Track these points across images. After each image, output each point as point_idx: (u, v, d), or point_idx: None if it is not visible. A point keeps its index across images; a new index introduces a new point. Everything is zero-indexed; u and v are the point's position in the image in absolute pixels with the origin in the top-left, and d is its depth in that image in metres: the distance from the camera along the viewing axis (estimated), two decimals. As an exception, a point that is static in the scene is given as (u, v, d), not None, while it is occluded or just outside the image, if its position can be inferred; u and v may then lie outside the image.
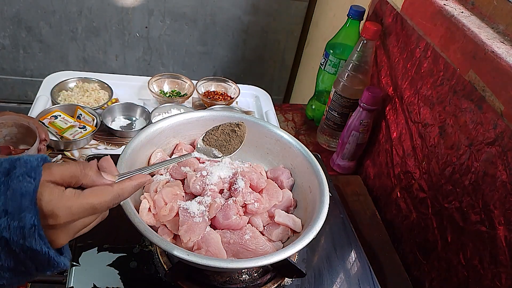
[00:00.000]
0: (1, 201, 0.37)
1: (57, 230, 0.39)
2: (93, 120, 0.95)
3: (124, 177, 0.46)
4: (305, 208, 0.63)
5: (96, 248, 0.61)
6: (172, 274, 0.57)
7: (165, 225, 0.57)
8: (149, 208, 0.57)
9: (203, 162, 0.66)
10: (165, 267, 0.60)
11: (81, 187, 0.42)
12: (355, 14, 0.95)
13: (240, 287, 0.60)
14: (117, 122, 0.99)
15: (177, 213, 0.57)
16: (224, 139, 0.63)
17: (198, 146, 0.62)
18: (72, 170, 0.41)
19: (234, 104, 1.10)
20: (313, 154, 0.66)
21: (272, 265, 0.57)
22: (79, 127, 0.92)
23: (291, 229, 0.61)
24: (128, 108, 1.01)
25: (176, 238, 0.57)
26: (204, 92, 1.10)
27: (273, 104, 1.13)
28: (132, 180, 0.46)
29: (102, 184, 0.44)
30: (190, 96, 1.08)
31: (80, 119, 0.95)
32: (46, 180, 0.39)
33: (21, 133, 0.79)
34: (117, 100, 1.05)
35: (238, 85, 1.11)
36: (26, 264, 0.39)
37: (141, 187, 0.47)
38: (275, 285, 0.61)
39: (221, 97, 1.09)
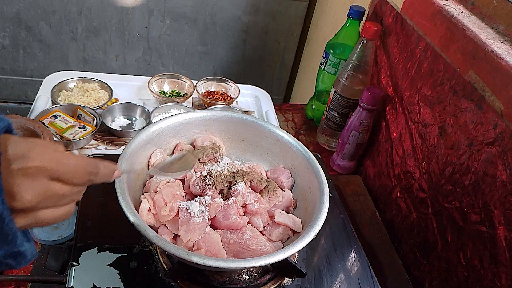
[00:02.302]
0: None
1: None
2: (93, 120, 0.95)
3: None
4: (305, 208, 0.63)
5: (96, 248, 0.61)
6: (172, 274, 0.57)
7: (165, 225, 0.57)
8: (149, 208, 0.57)
9: (203, 162, 0.66)
10: (165, 267, 0.60)
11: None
12: (355, 14, 0.95)
13: (240, 287, 0.60)
14: (117, 122, 0.99)
15: (177, 213, 0.57)
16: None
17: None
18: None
19: (234, 104, 1.10)
20: (313, 154, 0.66)
21: (272, 265, 0.57)
22: (79, 127, 0.92)
23: (291, 229, 0.61)
24: (128, 108, 1.01)
25: (176, 238, 0.57)
26: (204, 92, 1.10)
27: (273, 104, 1.13)
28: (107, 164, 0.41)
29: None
30: (190, 96, 1.08)
31: (80, 119, 0.95)
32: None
33: (26, 136, 0.79)
34: (117, 100, 1.05)
35: (238, 85, 1.11)
36: None
37: (111, 175, 0.42)
38: (275, 285, 0.61)
39: (221, 97, 1.09)
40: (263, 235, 0.60)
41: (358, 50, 0.90)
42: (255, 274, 0.61)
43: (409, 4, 0.85)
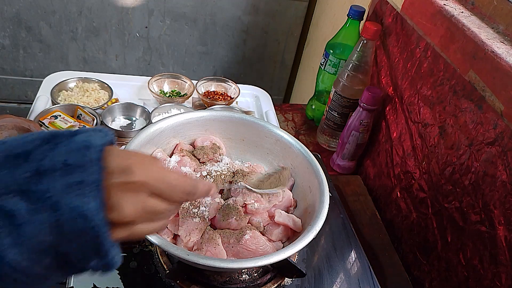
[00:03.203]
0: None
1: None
2: (93, 120, 0.95)
3: None
4: (305, 208, 0.63)
5: (96, 248, 0.61)
6: (172, 274, 0.57)
7: (165, 225, 0.57)
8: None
9: (203, 162, 0.66)
10: (165, 267, 0.60)
11: None
12: (355, 14, 0.95)
13: (240, 287, 0.60)
14: (117, 122, 0.99)
15: (177, 213, 0.57)
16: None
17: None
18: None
19: (234, 104, 1.10)
20: (313, 154, 0.66)
21: (272, 265, 0.57)
22: (79, 127, 0.92)
23: (291, 229, 0.61)
24: (128, 108, 1.01)
25: (176, 238, 0.57)
26: (204, 92, 1.10)
27: (273, 104, 1.13)
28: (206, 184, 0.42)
29: None
30: (190, 96, 1.08)
31: (80, 119, 0.95)
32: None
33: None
34: (117, 100, 1.05)
35: (238, 85, 1.11)
36: (68, 243, 0.31)
37: (208, 193, 0.42)
38: (275, 285, 0.61)
39: (221, 97, 1.09)
40: (263, 235, 0.60)
41: (358, 50, 0.90)
42: (255, 274, 0.61)
43: (409, 4, 0.85)
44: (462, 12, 0.74)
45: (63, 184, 0.30)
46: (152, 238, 0.48)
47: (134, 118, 1.01)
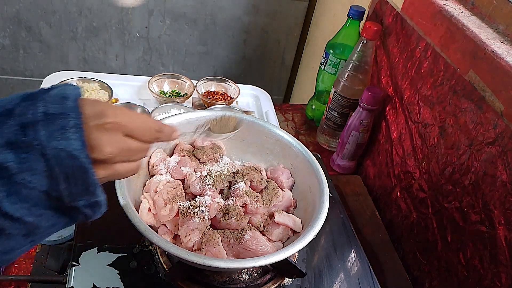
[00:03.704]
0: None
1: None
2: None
3: None
4: (305, 208, 0.63)
5: (96, 248, 0.61)
6: (172, 274, 0.57)
7: (165, 225, 0.57)
8: (149, 208, 0.57)
9: (203, 162, 0.66)
10: (165, 267, 0.60)
11: None
12: (355, 14, 0.95)
13: (240, 287, 0.60)
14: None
15: (177, 213, 0.57)
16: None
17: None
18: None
19: (234, 104, 1.10)
20: (313, 154, 0.66)
21: (272, 265, 0.57)
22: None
23: (291, 229, 0.61)
24: (128, 108, 1.01)
25: (176, 238, 0.57)
26: (204, 92, 1.10)
27: (273, 104, 1.13)
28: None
29: None
30: (190, 96, 1.08)
31: (80, 119, 0.95)
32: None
33: None
34: (117, 100, 1.05)
35: (238, 85, 1.11)
36: (58, 185, 0.34)
37: (171, 138, 0.47)
38: (275, 285, 0.61)
39: (221, 97, 1.09)
40: (263, 235, 0.60)
41: (358, 50, 0.90)
42: (255, 274, 0.61)
43: (409, 4, 0.85)
44: (462, 12, 0.74)
45: (48, 132, 0.33)
46: (152, 238, 0.48)
47: (134, 118, 1.01)
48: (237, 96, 1.08)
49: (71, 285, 0.56)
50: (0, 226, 0.33)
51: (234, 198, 0.60)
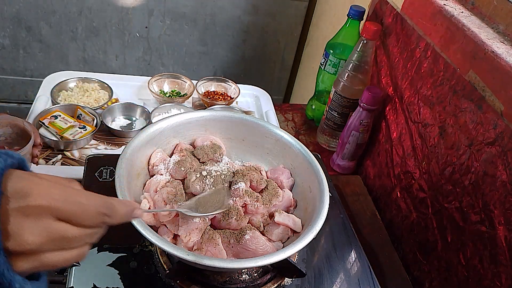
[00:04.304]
0: None
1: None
2: (93, 120, 0.95)
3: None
4: (305, 208, 0.63)
5: (96, 248, 0.61)
6: (172, 274, 0.57)
7: (165, 225, 0.57)
8: (149, 208, 0.57)
9: (203, 162, 0.66)
10: (165, 267, 0.60)
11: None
12: (355, 14, 0.95)
13: (240, 287, 0.60)
14: (117, 122, 0.99)
15: (177, 213, 0.57)
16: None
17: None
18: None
19: (234, 104, 1.10)
20: (313, 154, 0.66)
21: (272, 265, 0.57)
22: (79, 127, 0.92)
23: (291, 229, 0.61)
24: (128, 108, 1.01)
25: (176, 238, 0.57)
26: (204, 92, 1.10)
27: (273, 104, 1.13)
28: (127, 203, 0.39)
29: None
30: (190, 96, 1.08)
31: (80, 119, 0.95)
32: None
33: (15, 133, 0.78)
34: (117, 100, 1.05)
35: (238, 85, 1.11)
36: None
37: (130, 214, 0.40)
38: (275, 285, 0.61)
39: (221, 97, 1.09)
40: (263, 235, 0.60)
41: (358, 50, 0.90)
42: (255, 274, 0.61)
43: (409, 4, 0.85)
44: (462, 12, 0.74)
45: None
46: (152, 238, 0.48)
47: (134, 118, 1.01)
48: (237, 96, 1.08)
49: (71, 285, 0.56)
50: None
51: (234, 198, 0.60)
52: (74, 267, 0.58)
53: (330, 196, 0.59)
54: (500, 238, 0.59)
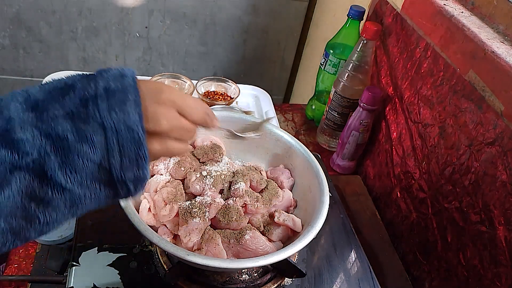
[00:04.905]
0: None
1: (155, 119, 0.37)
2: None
3: None
4: (305, 208, 0.63)
5: (96, 248, 0.61)
6: (172, 274, 0.57)
7: (165, 225, 0.57)
8: (149, 208, 0.57)
9: (203, 162, 0.66)
10: (165, 267, 0.60)
11: None
12: (355, 14, 0.95)
13: (240, 287, 0.60)
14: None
15: (177, 213, 0.57)
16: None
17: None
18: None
19: (234, 104, 1.10)
20: (313, 154, 0.66)
21: (272, 265, 0.57)
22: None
23: (291, 229, 0.61)
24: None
25: (176, 238, 0.57)
26: (204, 92, 1.10)
27: (273, 104, 1.13)
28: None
29: None
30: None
31: (80, 119, 0.95)
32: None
33: None
34: (117, 100, 1.05)
35: (238, 85, 1.11)
36: (112, 156, 0.34)
37: (215, 125, 0.47)
38: (275, 285, 0.61)
39: (221, 97, 1.09)
40: (263, 235, 0.60)
41: (358, 50, 0.90)
42: (255, 274, 0.61)
43: (409, 4, 0.85)
44: (462, 12, 0.74)
45: (108, 105, 0.34)
46: (152, 238, 0.48)
47: (134, 118, 1.01)
48: (237, 96, 1.08)
49: (71, 285, 0.56)
50: (48, 197, 0.33)
51: (234, 198, 0.60)
52: (74, 267, 0.58)
53: (330, 196, 0.59)
54: (500, 238, 0.59)
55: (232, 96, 1.10)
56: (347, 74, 0.93)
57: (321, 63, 1.07)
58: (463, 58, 0.69)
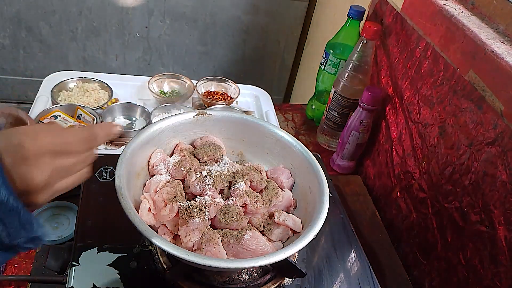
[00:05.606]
0: None
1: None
2: (93, 120, 0.95)
3: None
4: (305, 208, 0.63)
5: (96, 248, 0.61)
6: (172, 274, 0.57)
7: (165, 225, 0.57)
8: (149, 208, 0.57)
9: (203, 162, 0.66)
10: (165, 267, 0.60)
11: None
12: (355, 14, 0.95)
13: (240, 287, 0.60)
14: (117, 122, 0.99)
15: (177, 213, 0.57)
16: None
17: None
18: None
19: (234, 104, 1.10)
20: (313, 154, 0.66)
21: (272, 265, 0.57)
22: (79, 127, 0.92)
23: (291, 229, 0.61)
24: (128, 108, 1.01)
25: (176, 238, 0.57)
26: (204, 92, 1.10)
27: (273, 104, 1.13)
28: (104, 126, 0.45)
29: None
30: (190, 96, 1.08)
31: (80, 119, 0.95)
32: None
33: (10, 123, 0.77)
34: (117, 100, 1.05)
35: (238, 85, 1.11)
36: None
37: (110, 133, 0.45)
38: (275, 285, 0.61)
39: (221, 97, 1.09)
40: (263, 235, 0.60)
41: (358, 50, 0.90)
42: (255, 274, 0.61)
43: (409, 4, 0.85)
44: (462, 12, 0.74)
45: None
46: (152, 238, 0.48)
47: (134, 118, 1.01)
48: (237, 96, 1.08)
49: (71, 285, 0.56)
50: None
51: (234, 198, 0.60)
52: (74, 267, 0.58)
53: (330, 196, 0.59)
54: (500, 238, 0.59)
55: (232, 96, 1.10)
56: (347, 74, 0.93)
57: (321, 63, 1.07)
58: (463, 58, 0.69)
